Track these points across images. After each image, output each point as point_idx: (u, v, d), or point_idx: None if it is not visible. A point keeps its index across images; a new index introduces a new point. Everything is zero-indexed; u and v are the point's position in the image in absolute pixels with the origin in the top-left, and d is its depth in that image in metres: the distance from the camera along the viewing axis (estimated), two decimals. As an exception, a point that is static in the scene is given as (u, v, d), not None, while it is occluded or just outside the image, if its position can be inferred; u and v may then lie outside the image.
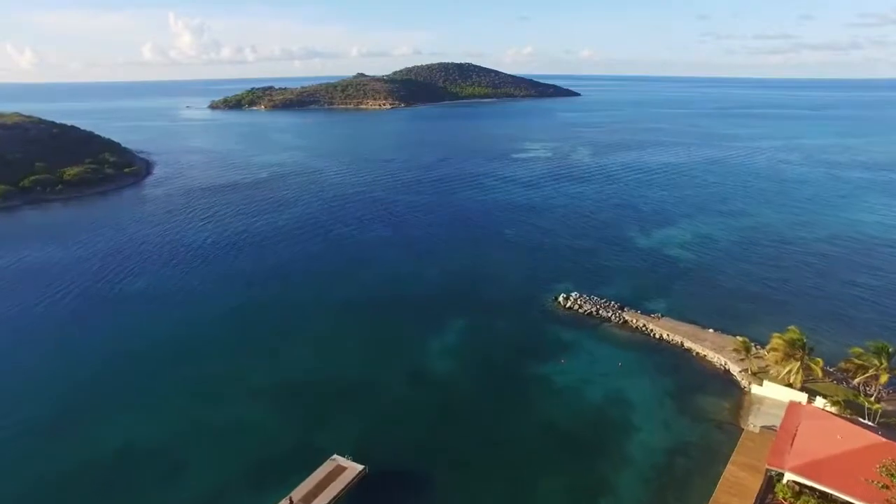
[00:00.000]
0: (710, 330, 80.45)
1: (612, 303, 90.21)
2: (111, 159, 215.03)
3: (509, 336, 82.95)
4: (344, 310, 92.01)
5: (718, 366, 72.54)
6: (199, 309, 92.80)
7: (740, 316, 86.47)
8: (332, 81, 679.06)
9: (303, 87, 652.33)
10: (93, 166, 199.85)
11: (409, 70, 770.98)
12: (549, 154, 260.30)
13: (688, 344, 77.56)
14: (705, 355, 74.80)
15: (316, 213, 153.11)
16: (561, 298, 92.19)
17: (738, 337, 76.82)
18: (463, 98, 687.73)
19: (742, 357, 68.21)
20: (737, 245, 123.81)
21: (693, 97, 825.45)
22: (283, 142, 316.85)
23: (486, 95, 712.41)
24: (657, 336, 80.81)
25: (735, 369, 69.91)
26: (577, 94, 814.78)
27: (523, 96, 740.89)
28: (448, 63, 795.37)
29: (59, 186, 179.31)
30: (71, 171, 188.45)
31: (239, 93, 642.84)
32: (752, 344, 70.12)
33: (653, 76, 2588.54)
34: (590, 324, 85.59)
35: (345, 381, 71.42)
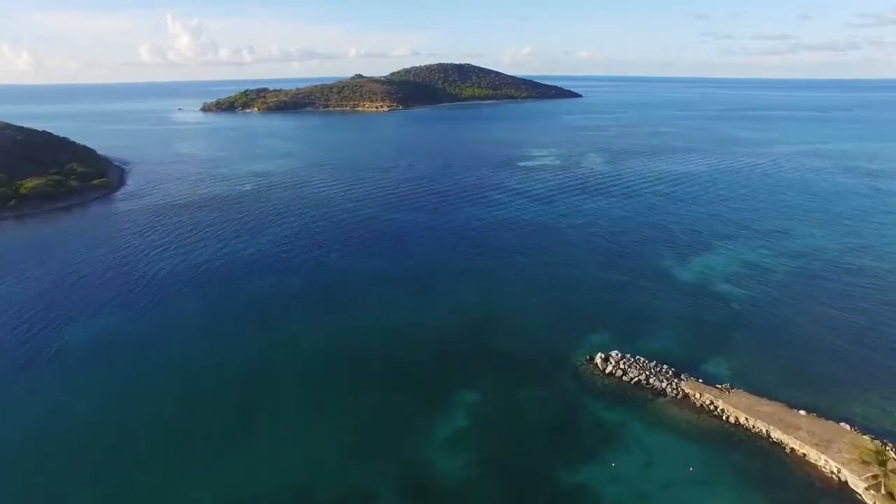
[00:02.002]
0: (802, 412, 61.20)
1: (664, 367, 70.89)
2: (79, 169, 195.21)
3: (536, 417, 63.71)
4: (322, 377, 72.51)
5: (828, 473, 53.17)
6: (136, 372, 73.34)
7: (833, 387, 67.36)
8: (328, 83, 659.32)
9: (298, 89, 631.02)
10: (56, 178, 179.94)
11: (407, 71, 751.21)
12: (559, 161, 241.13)
13: (776, 435, 58.27)
14: (805, 454, 55.49)
15: (299, 237, 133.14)
16: (598, 360, 72.86)
17: (844, 425, 58.51)
18: (463, 100, 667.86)
19: (873, 473, 48.81)
20: (794, 278, 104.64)
21: (695, 98, 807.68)
22: (272, 148, 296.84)
23: (487, 97, 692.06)
24: (731, 420, 61.58)
25: (858, 484, 50.56)
26: (578, 96, 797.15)
27: (524, 98, 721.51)
28: (447, 64, 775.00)
29: (13, 202, 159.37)
30: (28, 184, 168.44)
31: (232, 94, 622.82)
32: (887, 448, 50.85)
33: (652, 76, 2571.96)
34: (639, 398, 66.24)
35: (319, 497, 52.19)
